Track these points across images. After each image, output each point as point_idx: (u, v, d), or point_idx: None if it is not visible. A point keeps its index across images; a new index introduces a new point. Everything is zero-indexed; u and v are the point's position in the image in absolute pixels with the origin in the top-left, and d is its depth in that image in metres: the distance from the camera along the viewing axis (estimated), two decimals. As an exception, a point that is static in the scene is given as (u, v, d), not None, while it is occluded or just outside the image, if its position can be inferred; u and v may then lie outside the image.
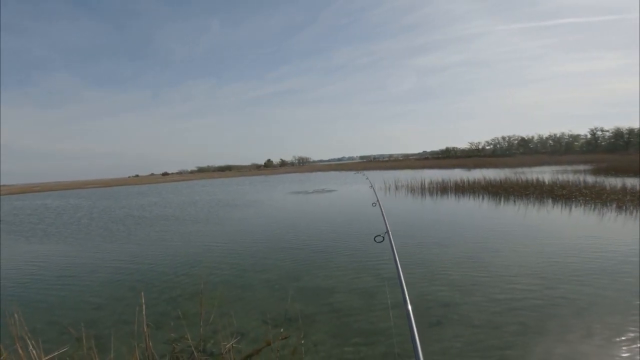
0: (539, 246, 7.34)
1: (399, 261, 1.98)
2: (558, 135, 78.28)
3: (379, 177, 33.30)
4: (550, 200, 13.49)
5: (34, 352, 2.82)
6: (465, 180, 20.26)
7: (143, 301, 3.22)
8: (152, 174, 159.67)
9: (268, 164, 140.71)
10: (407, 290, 1.63)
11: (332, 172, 59.33)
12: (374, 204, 4.08)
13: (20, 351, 2.80)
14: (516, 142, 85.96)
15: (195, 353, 3.27)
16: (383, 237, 2.57)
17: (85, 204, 26.41)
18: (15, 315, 3.31)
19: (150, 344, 3.04)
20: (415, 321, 1.35)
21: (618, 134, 66.45)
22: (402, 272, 1.84)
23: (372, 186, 5.35)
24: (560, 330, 3.91)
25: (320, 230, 10.41)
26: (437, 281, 5.61)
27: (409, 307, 1.52)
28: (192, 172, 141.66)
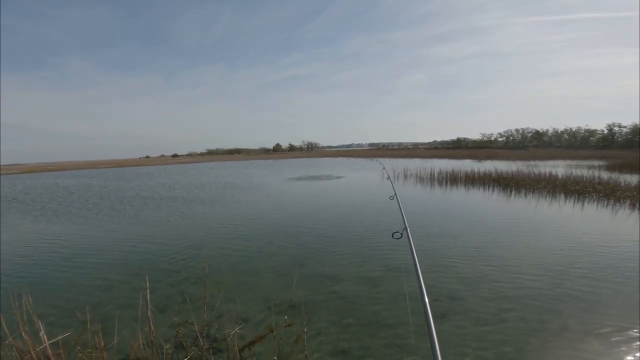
0: (548, 241, 7.20)
1: (418, 260, 1.86)
2: (574, 130, 76.38)
3: (387, 165, 33.03)
4: (562, 195, 13.21)
5: (39, 335, 2.84)
6: (475, 171, 19.96)
7: (147, 285, 3.22)
8: (163, 156, 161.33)
9: (277, 148, 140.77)
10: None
11: (341, 158, 59.09)
12: (391, 197, 3.91)
13: (24, 335, 2.82)
14: (530, 134, 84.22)
15: (199, 338, 3.28)
16: (401, 234, 2.41)
17: (96, 183, 26.78)
18: (22, 298, 3.35)
19: (153, 327, 3.05)
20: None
21: (635, 130, 64.40)
22: (420, 269, 1.73)
23: (389, 177, 5.21)
24: (566, 327, 3.87)
25: (327, 216, 10.38)
26: (443, 272, 5.56)
27: (426, 300, 1.43)
28: (201, 154, 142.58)
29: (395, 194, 3.99)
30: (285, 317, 4.09)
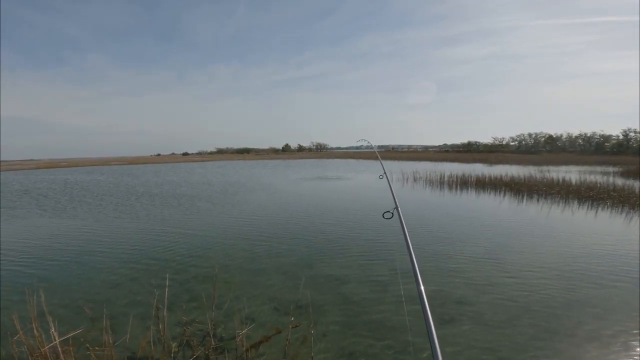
0: (560, 247, 7.07)
1: (411, 243, 1.80)
2: (588, 135, 75.05)
3: (397, 167, 32.88)
4: (576, 201, 12.97)
5: (48, 331, 2.86)
6: (486, 175, 19.73)
7: (167, 283, 3.23)
8: (173, 154, 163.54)
9: (286, 149, 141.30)
10: (422, 283, 1.47)
11: (350, 160, 58.99)
12: (380, 177, 3.76)
13: (35, 331, 2.85)
14: (543, 139, 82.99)
15: (206, 337, 3.28)
16: (392, 213, 2.37)
17: (107, 180, 27.17)
18: (32, 294, 3.39)
19: (163, 326, 3.06)
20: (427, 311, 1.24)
21: (651, 136, 62.99)
22: (415, 257, 1.67)
23: (378, 157, 5.09)
24: (577, 334, 3.81)
25: (335, 217, 10.34)
26: (452, 277, 5.49)
27: (422, 287, 1.41)
28: (211, 153, 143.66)
29: (385, 173, 3.85)
30: (292, 317, 4.08)
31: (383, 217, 2.33)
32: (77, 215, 11.63)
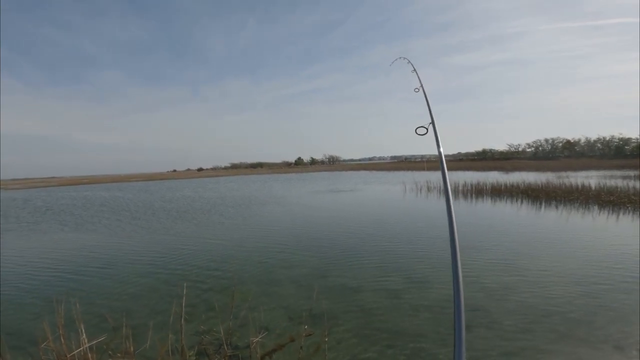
0: (580, 254, 6.92)
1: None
2: (607, 139, 73.10)
3: (409, 177, 32.72)
4: (596, 207, 12.66)
5: (76, 339, 2.99)
6: (502, 183, 19.45)
7: (184, 292, 3.34)
8: (189, 169, 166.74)
9: (299, 162, 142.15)
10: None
11: (363, 172, 58.95)
12: (416, 90, 3.51)
13: (62, 339, 2.99)
14: (560, 144, 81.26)
15: (222, 346, 3.36)
16: (427, 129, 2.19)
17: (126, 196, 27.87)
18: (61, 303, 3.54)
19: (183, 335, 3.16)
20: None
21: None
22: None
23: (414, 69, 4.77)
24: (595, 340, 3.74)
25: (347, 229, 10.37)
26: (468, 284, 5.43)
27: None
28: (225, 168, 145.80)
29: (422, 86, 3.75)
30: (306, 326, 4.12)
31: (416, 132, 2.09)
32: (97, 230, 11.99)
